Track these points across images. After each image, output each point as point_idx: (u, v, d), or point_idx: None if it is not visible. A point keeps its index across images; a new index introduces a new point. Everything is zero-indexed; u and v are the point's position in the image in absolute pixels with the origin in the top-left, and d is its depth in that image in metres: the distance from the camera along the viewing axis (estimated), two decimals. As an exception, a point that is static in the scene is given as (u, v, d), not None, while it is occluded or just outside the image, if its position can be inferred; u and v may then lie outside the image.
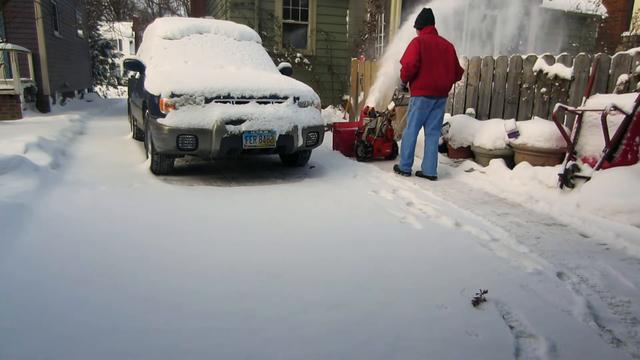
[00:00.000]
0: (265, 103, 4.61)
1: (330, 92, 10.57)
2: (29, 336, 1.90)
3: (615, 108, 3.99)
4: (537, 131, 4.81)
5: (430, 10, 5.08)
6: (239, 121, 4.41)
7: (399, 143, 6.11)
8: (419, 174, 5.20)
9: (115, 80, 21.21)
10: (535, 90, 5.34)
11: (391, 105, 5.86)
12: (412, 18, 5.44)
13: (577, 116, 4.54)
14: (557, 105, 4.39)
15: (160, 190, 4.25)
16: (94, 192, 4.05)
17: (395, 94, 5.75)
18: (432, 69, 4.85)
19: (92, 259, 2.65)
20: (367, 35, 10.02)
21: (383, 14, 9.92)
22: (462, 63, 6.15)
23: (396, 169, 5.33)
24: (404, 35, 6.76)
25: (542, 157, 4.79)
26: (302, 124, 4.74)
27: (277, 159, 6.11)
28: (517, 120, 5.31)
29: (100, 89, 20.52)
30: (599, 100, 4.30)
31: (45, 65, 10.21)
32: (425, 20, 5.04)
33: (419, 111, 5.03)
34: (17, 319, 2.02)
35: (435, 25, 5.09)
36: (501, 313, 2.23)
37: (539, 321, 2.16)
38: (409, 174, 5.20)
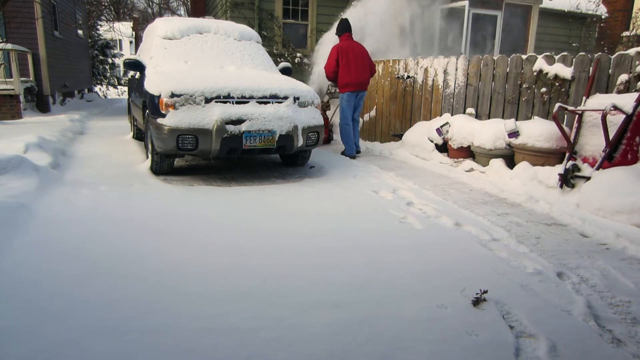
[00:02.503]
0: (265, 103, 4.61)
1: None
2: (29, 336, 1.90)
3: (615, 108, 3.99)
4: (537, 131, 4.80)
5: (347, 19, 6.36)
6: (239, 121, 4.41)
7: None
8: (344, 154, 6.49)
9: (115, 80, 21.22)
10: (535, 90, 5.34)
11: (326, 98, 7.62)
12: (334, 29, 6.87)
13: (577, 116, 4.54)
14: (557, 105, 4.38)
15: (161, 191, 4.25)
16: (94, 192, 4.05)
17: (328, 89, 7.29)
18: (350, 69, 6.07)
19: (91, 259, 2.65)
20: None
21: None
22: (461, 63, 6.19)
23: (344, 154, 6.48)
24: (325, 40, 8.71)
25: (542, 157, 4.79)
26: (302, 124, 4.74)
27: (277, 159, 6.11)
28: (517, 120, 5.31)
29: (100, 89, 20.52)
30: (599, 100, 4.30)
31: (45, 65, 10.21)
32: (343, 28, 6.24)
33: (348, 104, 6.26)
34: (17, 319, 2.02)
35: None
36: (501, 313, 2.23)
37: (539, 321, 2.16)
38: (355, 155, 6.43)
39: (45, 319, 2.03)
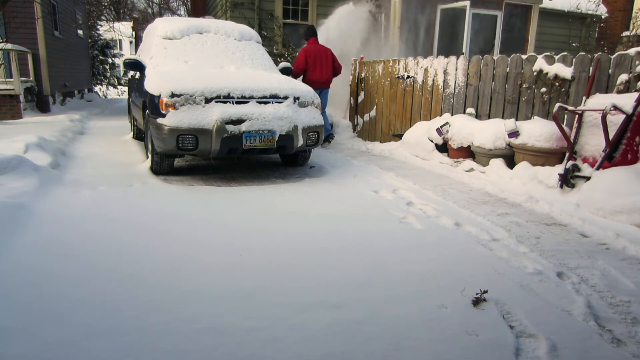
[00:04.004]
0: (265, 103, 4.61)
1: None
2: (28, 336, 1.90)
3: (615, 108, 3.99)
4: (537, 131, 4.80)
5: (312, 26, 7.42)
6: (239, 121, 4.40)
7: None
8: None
9: (115, 80, 21.22)
10: (535, 90, 5.34)
11: None
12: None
13: (577, 116, 4.54)
14: (557, 105, 4.38)
15: (160, 191, 4.25)
16: (94, 192, 4.05)
17: None
18: (315, 69, 7.02)
19: (91, 260, 2.65)
20: (367, 35, 10.01)
21: (383, 14, 9.93)
22: (461, 63, 6.18)
23: None
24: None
25: (542, 157, 4.79)
26: (302, 124, 4.74)
27: (277, 159, 6.11)
28: (517, 120, 5.31)
29: (100, 89, 20.53)
30: (599, 100, 4.30)
31: (45, 65, 10.21)
32: (309, 34, 7.21)
33: None
34: (16, 319, 2.02)
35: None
36: (501, 313, 2.23)
37: (539, 321, 2.16)
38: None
39: (44, 319, 2.03)
